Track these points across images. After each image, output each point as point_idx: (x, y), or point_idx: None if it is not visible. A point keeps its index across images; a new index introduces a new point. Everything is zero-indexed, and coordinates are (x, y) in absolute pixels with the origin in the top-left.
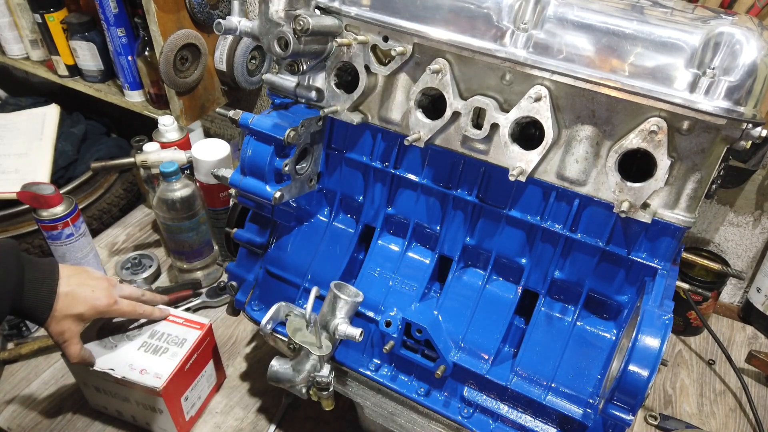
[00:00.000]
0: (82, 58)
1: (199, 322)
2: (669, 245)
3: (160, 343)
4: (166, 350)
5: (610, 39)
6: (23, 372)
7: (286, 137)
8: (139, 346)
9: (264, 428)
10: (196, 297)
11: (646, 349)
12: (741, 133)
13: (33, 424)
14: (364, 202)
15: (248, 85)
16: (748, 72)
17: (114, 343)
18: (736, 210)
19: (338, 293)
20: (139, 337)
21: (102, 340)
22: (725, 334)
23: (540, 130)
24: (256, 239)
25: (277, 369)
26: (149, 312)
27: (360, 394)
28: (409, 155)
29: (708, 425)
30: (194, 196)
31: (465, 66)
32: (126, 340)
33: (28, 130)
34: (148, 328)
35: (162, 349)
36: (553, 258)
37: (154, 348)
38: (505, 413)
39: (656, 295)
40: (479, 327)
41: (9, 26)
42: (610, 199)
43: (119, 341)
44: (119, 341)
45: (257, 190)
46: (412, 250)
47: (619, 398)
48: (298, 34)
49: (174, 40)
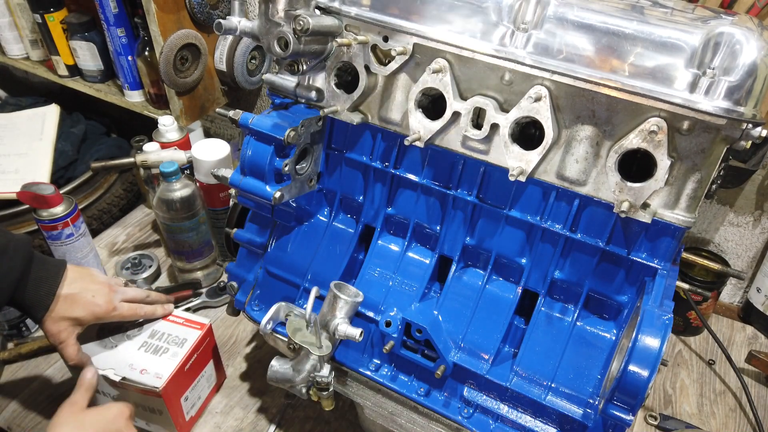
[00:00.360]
0: (82, 58)
1: (199, 322)
2: (669, 245)
3: (161, 343)
4: (166, 350)
5: (610, 39)
6: (23, 372)
7: (286, 137)
8: (140, 346)
9: (264, 428)
10: (196, 297)
11: (646, 349)
12: (741, 133)
13: (33, 425)
14: (364, 202)
15: (248, 85)
16: (748, 72)
17: (114, 342)
18: (736, 210)
19: (338, 293)
20: (138, 336)
21: (102, 340)
22: (725, 334)
23: (540, 130)
24: (256, 239)
25: (277, 369)
26: (151, 312)
27: (360, 394)
28: (409, 155)
29: (708, 425)
30: (194, 196)
31: (465, 66)
32: (126, 340)
33: (28, 130)
34: (149, 326)
35: (162, 349)
36: (553, 258)
37: (154, 348)
38: (505, 413)
39: (656, 295)
40: (479, 327)
41: (9, 26)
42: (610, 199)
43: (119, 341)
44: (119, 341)
45: (257, 190)
46: (412, 250)
47: (619, 398)
48: (298, 34)
49: (174, 40)
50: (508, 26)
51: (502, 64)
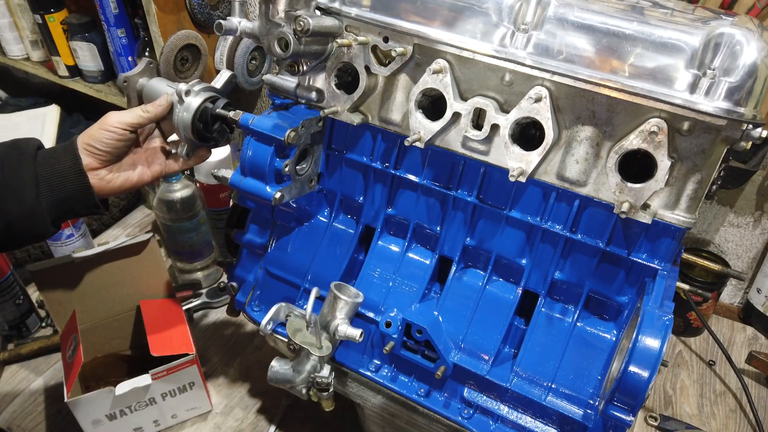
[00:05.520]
0: (83, 58)
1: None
2: (669, 246)
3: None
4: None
5: (610, 40)
6: (23, 372)
7: (287, 138)
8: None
9: (264, 429)
10: (197, 297)
11: (646, 349)
12: (741, 134)
13: (33, 425)
14: (364, 203)
15: (248, 86)
16: (748, 73)
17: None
18: (737, 211)
19: (338, 294)
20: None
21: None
22: (725, 334)
23: (540, 130)
24: (257, 240)
25: (278, 370)
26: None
27: (360, 394)
28: (410, 156)
29: (708, 426)
30: (194, 197)
31: (465, 67)
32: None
33: (29, 130)
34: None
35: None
36: (554, 259)
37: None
38: (506, 414)
39: (656, 296)
40: (479, 328)
41: (9, 27)
42: (610, 199)
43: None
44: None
45: (257, 190)
46: (413, 250)
47: (619, 399)
48: (298, 35)
49: (174, 40)
50: (508, 27)
51: (502, 64)
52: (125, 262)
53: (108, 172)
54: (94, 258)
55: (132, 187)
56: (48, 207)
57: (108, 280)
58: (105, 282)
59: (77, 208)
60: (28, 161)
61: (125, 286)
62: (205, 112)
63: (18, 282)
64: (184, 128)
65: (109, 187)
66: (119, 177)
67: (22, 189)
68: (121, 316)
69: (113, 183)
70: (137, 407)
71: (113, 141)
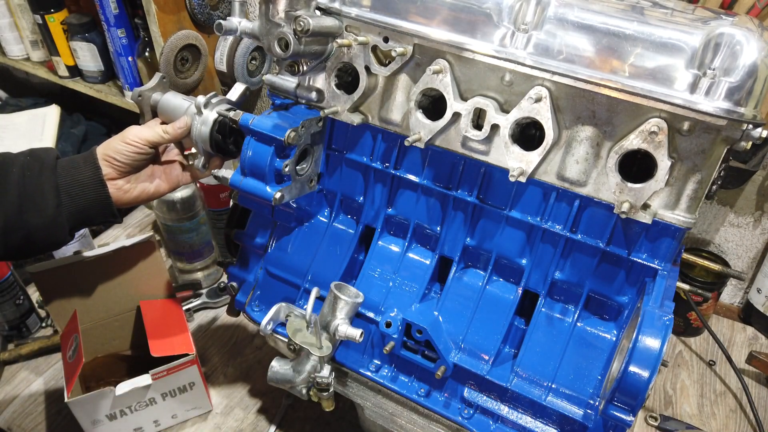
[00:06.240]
0: (83, 58)
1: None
2: (669, 246)
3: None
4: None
5: (610, 40)
6: (23, 372)
7: (287, 138)
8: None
9: (264, 429)
10: (197, 297)
11: (646, 349)
12: (741, 134)
13: (33, 425)
14: (364, 203)
15: (248, 86)
16: (748, 73)
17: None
18: (737, 211)
19: (338, 294)
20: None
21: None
22: (725, 334)
23: (540, 130)
24: (257, 240)
25: (278, 370)
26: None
27: (360, 394)
28: (410, 156)
29: (708, 426)
30: (194, 197)
31: (465, 67)
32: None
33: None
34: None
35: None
36: (554, 259)
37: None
38: (506, 414)
39: (656, 296)
40: (479, 328)
41: (9, 27)
42: (610, 199)
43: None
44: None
45: (257, 190)
46: (413, 250)
47: (619, 399)
48: (298, 35)
49: (174, 40)
50: (508, 27)
51: (502, 64)
52: (125, 263)
53: (126, 183)
54: (95, 259)
55: (148, 198)
56: (67, 216)
57: (108, 280)
58: (105, 282)
59: (95, 217)
60: (49, 172)
61: (125, 286)
62: (224, 124)
63: (18, 282)
64: (203, 141)
65: (126, 197)
66: (137, 188)
67: (44, 200)
68: (121, 316)
69: (130, 193)
70: (137, 407)
71: (133, 154)
